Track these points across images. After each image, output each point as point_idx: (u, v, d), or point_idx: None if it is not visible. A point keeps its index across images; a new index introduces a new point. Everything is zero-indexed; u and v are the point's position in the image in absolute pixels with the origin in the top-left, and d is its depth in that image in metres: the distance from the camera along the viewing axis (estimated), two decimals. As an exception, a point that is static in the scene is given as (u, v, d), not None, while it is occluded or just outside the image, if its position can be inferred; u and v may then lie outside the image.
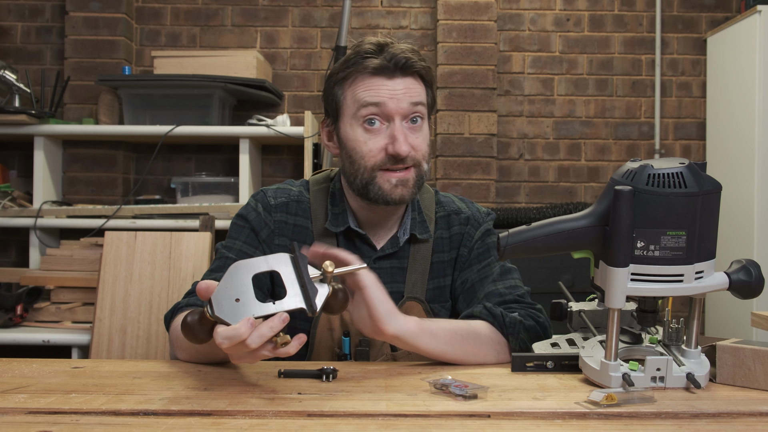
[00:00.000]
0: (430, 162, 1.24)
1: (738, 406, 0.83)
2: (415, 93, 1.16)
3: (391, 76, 1.14)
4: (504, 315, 1.13)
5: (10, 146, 2.92)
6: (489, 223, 1.31)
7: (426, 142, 1.19)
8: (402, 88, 1.14)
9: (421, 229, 1.25)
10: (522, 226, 0.92)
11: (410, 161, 1.15)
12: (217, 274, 1.18)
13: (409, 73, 1.16)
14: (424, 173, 1.19)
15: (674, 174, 0.84)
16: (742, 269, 0.89)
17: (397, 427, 0.74)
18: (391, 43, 1.16)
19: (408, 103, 1.14)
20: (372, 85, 1.14)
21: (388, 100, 1.13)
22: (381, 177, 1.15)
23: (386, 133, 1.14)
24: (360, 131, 1.16)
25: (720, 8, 3.07)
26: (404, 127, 1.15)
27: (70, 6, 2.85)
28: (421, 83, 1.18)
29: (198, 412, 0.78)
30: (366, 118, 1.14)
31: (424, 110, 1.18)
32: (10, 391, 0.87)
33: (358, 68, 1.15)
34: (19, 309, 2.30)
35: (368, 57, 1.14)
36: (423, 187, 1.32)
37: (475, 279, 1.24)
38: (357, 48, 1.17)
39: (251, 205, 1.25)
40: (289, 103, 3.01)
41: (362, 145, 1.15)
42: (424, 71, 1.18)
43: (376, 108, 1.14)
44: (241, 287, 0.83)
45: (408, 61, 1.14)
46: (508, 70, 3.06)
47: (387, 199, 1.15)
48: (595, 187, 3.06)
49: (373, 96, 1.14)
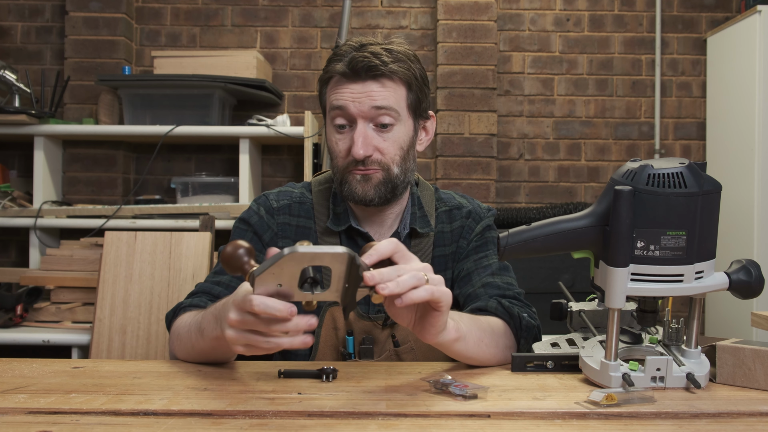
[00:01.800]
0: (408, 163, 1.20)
1: (738, 406, 0.83)
2: (380, 96, 1.14)
3: (354, 79, 1.14)
4: (521, 318, 1.13)
5: (10, 146, 2.92)
6: (490, 219, 1.32)
7: (397, 144, 1.17)
8: (365, 91, 1.14)
9: (421, 224, 1.25)
10: (522, 226, 0.92)
11: (373, 164, 1.16)
12: (220, 277, 1.19)
13: (374, 77, 1.14)
14: (395, 176, 1.17)
15: (674, 174, 0.84)
16: (742, 269, 0.89)
17: (397, 427, 0.74)
18: (367, 44, 1.15)
19: (369, 107, 1.14)
20: (338, 89, 1.16)
21: (350, 103, 1.14)
22: (350, 176, 1.17)
23: (350, 135, 1.16)
24: (333, 132, 1.19)
25: (720, 8, 3.07)
26: (369, 130, 1.15)
27: (70, 6, 2.85)
28: (394, 85, 1.15)
29: (198, 412, 0.78)
30: (334, 120, 1.17)
31: (395, 114, 1.15)
32: (10, 391, 0.87)
33: (330, 71, 1.17)
34: (19, 309, 2.30)
35: (338, 60, 1.16)
36: (422, 183, 1.33)
37: (472, 268, 1.24)
38: (337, 48, 1.18)
39: (253, 208, 1.26)
40: (289, 103, 3.02)
41: (334, 145, 1.19)
42: (400, 74, 1.15)
43: (341, 111, 1.16)
44: (289, 278, 0.78)
45: (370, 65, 1.12)
46: (508, 70, 3.06)
47: (354, 197, 1.18)
48: (595, 187, 3.06)
49: (338, 99, 1.15)
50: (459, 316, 1.01)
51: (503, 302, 1.15)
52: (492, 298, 1.17)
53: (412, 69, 1.18)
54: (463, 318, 1.01)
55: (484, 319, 1.07)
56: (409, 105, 1.18)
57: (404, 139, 1.18)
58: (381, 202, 1.19)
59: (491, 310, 1.14)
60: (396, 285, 0.79)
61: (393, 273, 0.81)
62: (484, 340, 1.02)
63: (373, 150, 1.15)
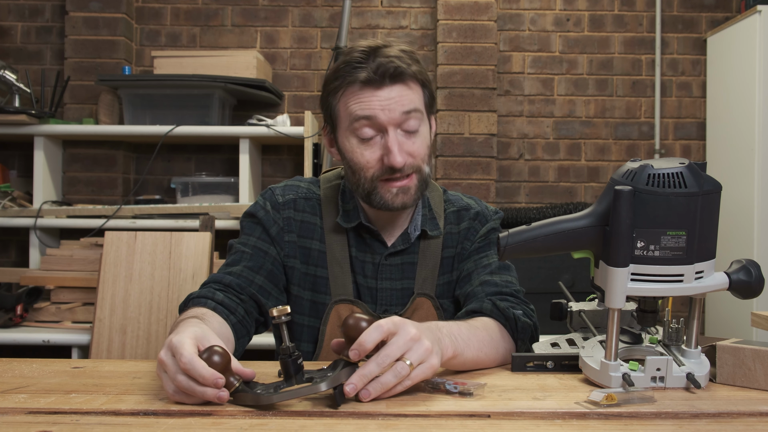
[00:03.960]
0: (432, 161, 1.22)
1: (738, 406, 0.82)
2: (407, 100, 1.12)
3: (379, 86, 1.11)
4: (517, 320, 1.12)
5: (10, 146, 2.92)
6: (496, 222, 1.31)
7: (425, 144, 1.17)
8: (393, 97, 1.11)
9: (431, 226, 1.25)
10: (522, 226, 0.92)
11: (408, 169, 1.14)
12: (231, 268, 1.19)
13: (399, 81, 1.12)
14: (427, 175, 1.18)
15: (674, 174, 0.84)
16: (742, 269, 0.89)
17: (397, 427, 0.74)
18: (381, 48, 1.13)
19: (400, 113, 1.11)
20: (362, 98, 1.12)
21: (380, 112, 1.11)
22: (382, 187, 1.15)
23: (381, 144, 1.13)
24: (356, 143, 1.15)
25: (720, 8, 3.07)
26: (399, 136, 1.13)
27: (70, 6, 2.85)
28: (415, 86, 1.15)
29: (198, 412, 0.78)
30: (359, 130, 1.13)
31: (420, 115, 1.15)
32: (10, 391, 0.87)
33: (347, 80, 1.13)
34: (19, 309, 2.30)
35: (357, 67, 1.12)
36: (431, 185, 1.32)
37: (472, 268, 1.24)
38: (347, 56, 1.14)
39: (260, 203, 1.26)
40: (289, 103, 3.02)
41: (359, 156, 1.14)
42: (419, 74, 1.15)
43: (368, 121, 1.12)
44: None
45: (397, 69, 1.11)
46: (508, 70, 3.06)
47: (390, 207, 1.16)
48: (595, 187, 3.06)
49: (364, 109, 1.11)
50: (458, 329, 0.99)
51: (498, 304, 1.13)
52: (487, 299, 1.15)
53: (423, 67, 1.17)
54: (462, 331, 0.99)
55: (482, 326, 1.06)
56: (426, 104, 1.18)
57: (428, 137, 1.18)
58: (413, 205, 1.19)
59: (486, 312, 1.13)
60: (377, 389, 0.81)
61: (375, 369, 0.81)
62: (484, 349, 1.02)
63: (407, 156, 1.13)
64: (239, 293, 1.15)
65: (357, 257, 1.24)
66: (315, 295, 1.23)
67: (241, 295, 1.15)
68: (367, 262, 1.23)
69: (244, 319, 1.14)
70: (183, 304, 1.15)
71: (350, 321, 0.84)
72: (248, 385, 0.83)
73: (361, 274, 1.23)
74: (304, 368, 0.86)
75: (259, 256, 1.21)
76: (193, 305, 1.11)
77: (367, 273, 1.23)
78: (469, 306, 1.16)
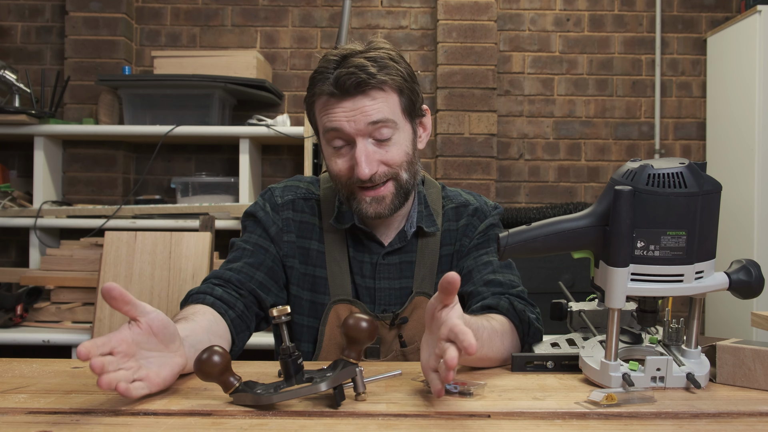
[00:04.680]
0: (415, 165, 1.18)
1: (738, 406, 0.82)
2: (374, 110, 1.09)
3: (344, 97, 1.09)
4: (531, 323, 1.11)
5: (10, 146, 2.92)
6: (495, 217, 1.30)
7: (402, 151, 1.14)
8: (358, 108, 1.09)
9: (428, 222, 1.25)
10: (522, 226, 0.92)
11: (381, 178, 1.13)
12: (232, 264, 1.20)
13: (363, 91, 1.08)
14: (406, 182, 1.16)
15: (674, 174, 0.84)
16: (742, 269, 0.89)
17: (397, 427, 0.74)
18: (348, 57, 1.09)
19: (365, 124, 1.09)
20: (329, 109, 1.11)
21: (345, 124, 1.10)
22: (359, 194, 1.15)
23: (351, 154, 1.12)
24: (330, 151, 1.16)
25: (720, 8, 3.07)
26: (370, 145, 1.11)
27: (70, 6, 2.85)
28: (386, 93, 1.11)
29: (198, 412, 0.78)
30: (331, 141, 1.13)
31: (393, 123, 1.11)
32: (10, 391, 0.87)
33: (316, 90, 1.13)
34: (19, 309, 2.30)
35: (325, 78, 1.10)
36: (429, 181, 1.32)
37: (472, 265, 1.23)
38: (320, 64, 1.12)
39: (259, 204, 1.27)
40: (289, 103, 3.02)
41: (334, 165, 1.15)
42: (389, 82, 1.10)
43: (336, 132, 1.11)
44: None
45: (358, 82, 1.07)
46: (508, 70, 3.06)
47: (366, 216, 1.16)
48: (595, 187, 3.06)
49: (332, 120, 1.11)
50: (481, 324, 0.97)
51: (516, 304, 1.12)
52: (503, 297, 1.14)
53: (400, 72, 1.12)
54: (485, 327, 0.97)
55: (498, 325, 1.05)
56: (404, 109, 1.14)
57: (407, 144, 1.15)
58: (395, 212, 1.18)
59: (502, 310, 1.12)
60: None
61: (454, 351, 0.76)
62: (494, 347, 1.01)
63: (378, 165, 1.12)
64: (239, 288, 1.16)
65: (355, 257, 1.24)
66: (314, 295, 1.23)
67: (241, 290, 1.16)
68: (365, 261, 1.24)
69: (243, 314, 1.14)
70: (183, 300, 1.15)
71: (350, 321, 0.84)
72: (248, 385, 0.83)
73: (360, 274, 1.23)
74: (304, 368, 0.86)
75: (260, 253, 1.21)
76: (192, 302, 1.11)
77: (365, 273, 1.23)
78: (484, 302, 1.15)
